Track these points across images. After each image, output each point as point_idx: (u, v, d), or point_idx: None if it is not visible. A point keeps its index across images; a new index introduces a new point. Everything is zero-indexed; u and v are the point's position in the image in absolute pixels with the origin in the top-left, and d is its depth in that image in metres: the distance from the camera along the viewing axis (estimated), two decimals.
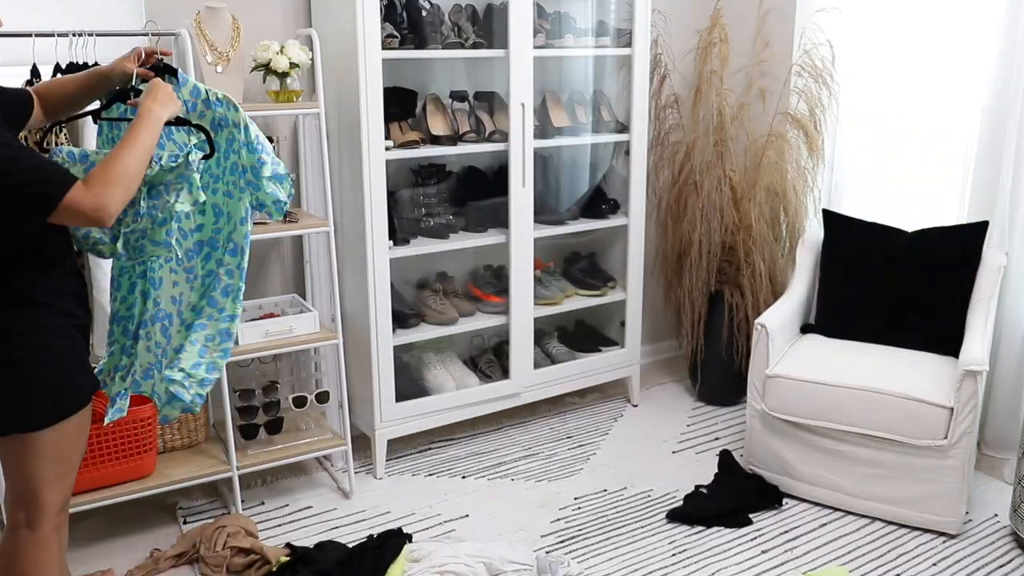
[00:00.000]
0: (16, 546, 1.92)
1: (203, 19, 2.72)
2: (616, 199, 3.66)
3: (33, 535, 1.91)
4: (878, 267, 3.15)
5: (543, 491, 3.09)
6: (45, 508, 1.90)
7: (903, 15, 3.38)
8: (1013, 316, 3.18)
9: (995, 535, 2.81)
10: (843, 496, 2.92)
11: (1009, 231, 3.16)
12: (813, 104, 3.59)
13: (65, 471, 1.91)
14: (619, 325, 3.78)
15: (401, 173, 3.38)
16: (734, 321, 3.67)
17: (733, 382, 3.76)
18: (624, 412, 3.74)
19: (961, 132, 3.28)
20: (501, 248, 3.35)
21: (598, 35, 3.46)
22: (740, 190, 3.69)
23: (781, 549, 2.75)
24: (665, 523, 2.89)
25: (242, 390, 3.01)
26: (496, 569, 2.50)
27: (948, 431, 2.70)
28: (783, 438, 3.00)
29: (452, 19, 3.21)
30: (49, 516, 1.91)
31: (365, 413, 3.19)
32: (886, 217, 3.39)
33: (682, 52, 3.95)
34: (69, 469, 1.92)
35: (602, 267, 3.83)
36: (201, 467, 2.83)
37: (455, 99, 3.32)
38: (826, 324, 3.29)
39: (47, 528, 1.92)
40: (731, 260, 3.74)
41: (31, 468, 1.85)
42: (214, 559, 2.57)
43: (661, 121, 3.82)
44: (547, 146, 3.50)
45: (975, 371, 2.65)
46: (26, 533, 1.91)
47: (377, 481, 3.16)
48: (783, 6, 3.75)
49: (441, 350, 3.49)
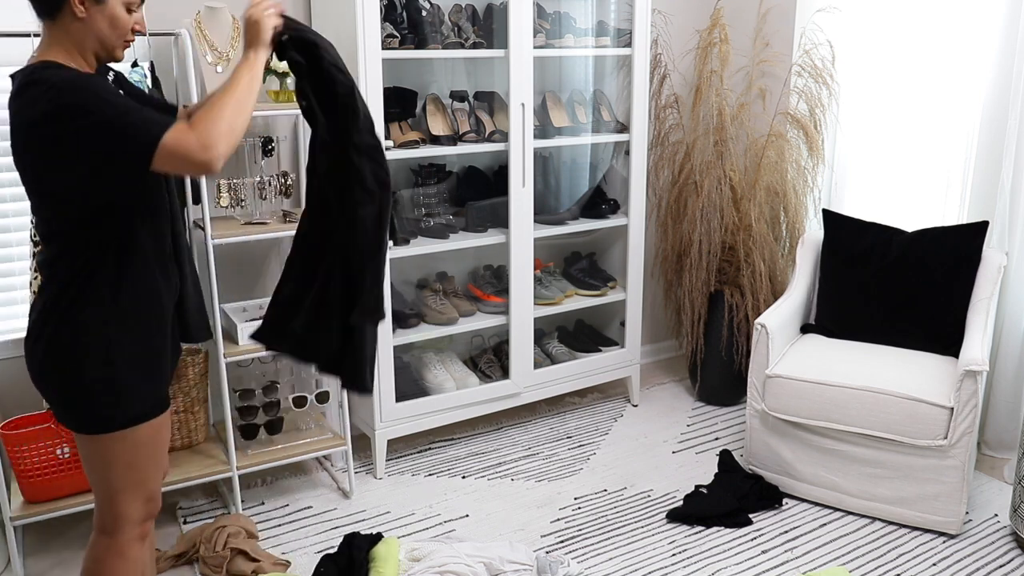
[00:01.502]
0: (96, 551, 1.90)
1: (203, 19, 2.72)
2: (616, 199, 3.66)
3: (112, 542, 1.88)
4: (878, 267, 3.15)
5: (543, 491, 3.09)
6: (122, 516, 1.86)
7: (903, 15, 3.38)
8: (1013, 316, 3.18)
9: (995, 535, 2.81)
10: (843, 496, 2.92)
11: (1009, 231, 3.16)
12: (813, 104, 3.59)
13: (140, 481, 1.86)
14: (619, 325, 3.78)
15: (401, 173, 3.38)
16: (734, 321, 3.67)
17: (733, 382, 3.76)
18: (624, 412, 3.74)
19: (961, 132, 3.27)
20: (501, 248, 3.35)
21: (598, 35, 3.46)
22: (740, 190, 3.69)
23: (781, 549, 2.75)
24: (665, 523, 2.89)
25: (242, 390, 3.01)
26: (496, 569, 2.50)
27: (948, 431, 2.70)
28: (783, 438, 3.00)
29: (452, 19, 3.21)
30: (127, 525, 1.88)
31: (365, 413, 3.20)
32: (886, 217, 3.39)
33: (682, 52, 3.95)
34: (144, 480, 1.87)
35: (602, 267, 3.83)
36: (201, 467, 2.83)
37: (455, 99, 3.32)
38: (826, 324, 3.29)
39: (126, 538, 1.88)
40: (731, 260, 3.74)
41: (102, 472, 1.83)
42: (214, 559, 2.57)
43: (661, 121, 3.82)
44: (547, 146, 3.50)
45: (975, 371, 2.65)
46: (105, 540, 1.89)
47: (377, 481, 3.16)
48: (783, 6, 3.75)
49: (441, 350, 3.50)
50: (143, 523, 1.91)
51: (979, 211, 3.23)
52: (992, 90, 3.14)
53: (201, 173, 1.65)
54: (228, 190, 2.80)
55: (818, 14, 3.57)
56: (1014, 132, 3.07)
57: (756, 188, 3.63)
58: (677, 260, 3.85)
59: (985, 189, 3.21)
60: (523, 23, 3.11)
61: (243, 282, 3.21)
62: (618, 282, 3.74)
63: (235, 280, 3.18)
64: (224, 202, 2.80)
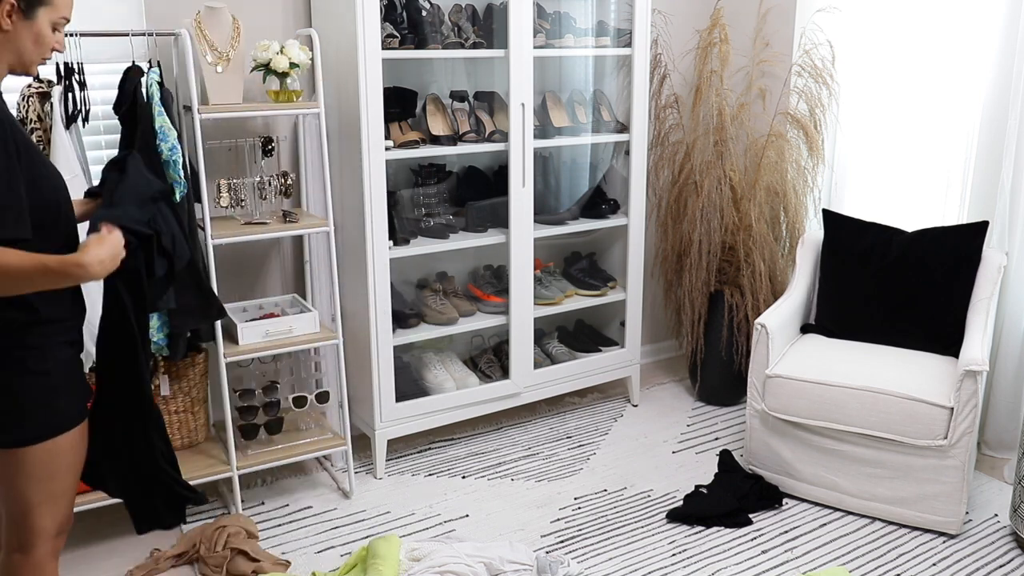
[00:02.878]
0: (9, 571, 1.84)
1: (203, 19, 2.72)
2: (616, 199, 3.66)
3: (26, 560, 1.82)
4: (878, 267, 3.15)
5: (543, 491, 3.09)
6: (37, 531, 1.81)
7: (903, 15, 3.38)
8: (1013, 316, 3.18)
9: (995, 535, 2.81)
10: (843, 496, 2.92)
11: (1009, 231, 3.16)
12: (813, 104, 3.59)
13: (58, 493, 1.82)
14: (619, 325, 3.78)
15: (401, 173, 3.38)
16: (734, 321, 3.67)
17: (733, 382, 3.76)
18: (624, 412, 3.74)
19: (961, 132, 3.27)
20: (501, 248, 3.35)
21: (598, 35, 3.46)
22: (740, 190, 3.69)
23: (781, 549, 2.75)
24: (665, 523, 2.89)
25: (242, 390, 3.01)
26: (496, 569, 2.50)
27: (948, 431, 2.70)
28: (783, 438, 3.00)
29: (452, 19, 3.21)
30: (42, 540, 1.82)
31: (365, 413, 3.19)
32: (886, 217, 3.39)
33: (682, 52, 3.96)
34: (63, 492, 1.83)
35: (602, 267, 3.83)
36: (201, 467, 2.83)
37: (455, 99, 3.32)
38: (826, 324, 3.29)
39: (41, 553, 1.83)
40: (731, 260, 3.74)
41: (20, 487, 1.77)
42: (214, 559, 2.57)
43: (661, 121, 3.82)
44: (547, 146, 3.50)
45: (975, 371, 2.65)
46: (19, 557, 1.83)
47: (377, 481, 3.16)
48: (783, 6, 3.75)
49: (441, 350, 3.50)
50: (56, 537, 1.86)
51: (979, 211, 3.23)
52: (992, 90, 3.14)
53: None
54: (228, 190, 2.80)
55: (818, 14, 3.57)
56: (1014, 132, 3.07)
57: (756, 188, 3.63)
58: (677, 260, 3.85)
59: (985, 189, 3.21)
60: (523, 23, 3.11)
61: (243, 282, 3.21)
62: (618, 282, 3.74)
63: (235, 280, 3.19)
64: (224, 202, 2.80)
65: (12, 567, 1.84)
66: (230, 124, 3.02)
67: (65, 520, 1.87)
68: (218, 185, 2.80)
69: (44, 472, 1.78)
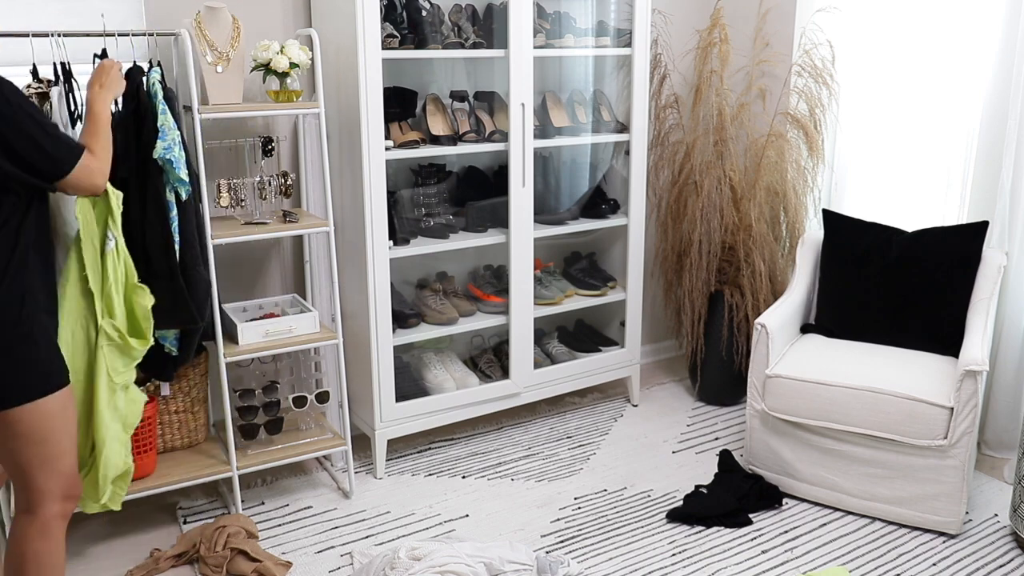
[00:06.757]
0: (19, 529, 1.96)
1: (203, 19, 2.72)
2: (616, 199, 3.66)
3: (34, 520, 1.94)
4: (878, 267, 3.15)
5: (543, 491, 3.09)
6: (41, 493, 1.93)
7: (903, 15, 3.38)
8: (1013, 316, 3.18)
9: (995, 535, 2.81)
10: (843, 496, 2.92)
11: (1009, 231, 3.16)
12: (813, 104, 3.59)
13: (54, 455, 1.93)
14: (619, 325, 3.78)
15: (401, 173, 3.38)
16: (734, 321, 3.67)
17: (733, 382, 3.76)
18: (624, 412, 3.74)
19: (961, 132, 3.27)
20: (501, 248, 3.35)
21: (598, 35, 3.46)
22: (740, 190, 3.69)
23: (781, 549, 2.75)
24: (665, 523, 2.89)
25: (242, 390, 3.01)
26: (496, 569, 2.50)
27: (948, 431, 2.70)
28: (783, 438, 3.00)
29: (452, 19, 3.21)
30: (47, 502, 1.94)
31: (365, 413, 3.20)
32: (886, 217, 3.39)
33: (682, 52, 3.96)
34: (59, 454, 1.94)
35: (602, 267, 3.83)
36: (201, 467, 2.83)
37: (455, 99, 3.32)
38: (826, 324, 3.29)
39: (48, 514, 1.95)
40: (731, 260, 3.74)
41: (18, 450, 1.89)
42: (214, 559, 2.57)
43: (661, 121, 3.82)
44: (547, 146, 3.50)
45: (975, 371, 2.65)
46: (27, 518, 1.95)
47: (377, 481, 3.16)
48: (783, 6, 3.75)
49: (441, 350, 3.50)
50: (64, 501, 1.97)
51: (979, 211, 3.23)
52: (992, 90, 3.14)
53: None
54: (228, 190, 2.81)
55: (818, 14, 3.57)
56: (1014, 132, 3.07)
57: (756, 188, 3.63)
58: (677, 260, 3.85)
59: (985, 189, 3.21)
60: (523, 23, 3.11)
61: (243, 282, 3.21)
62: (618, 282, 3.74)
63: (235, 280, 3.19)
64: (224, 202, 2.80)
65: (22, 527, 1.97)
66: (230, 124, 3.02)
67: (68, 484, 1.99)
68: (218, 185, 2.80)
69: (37, 435, 1.90)
